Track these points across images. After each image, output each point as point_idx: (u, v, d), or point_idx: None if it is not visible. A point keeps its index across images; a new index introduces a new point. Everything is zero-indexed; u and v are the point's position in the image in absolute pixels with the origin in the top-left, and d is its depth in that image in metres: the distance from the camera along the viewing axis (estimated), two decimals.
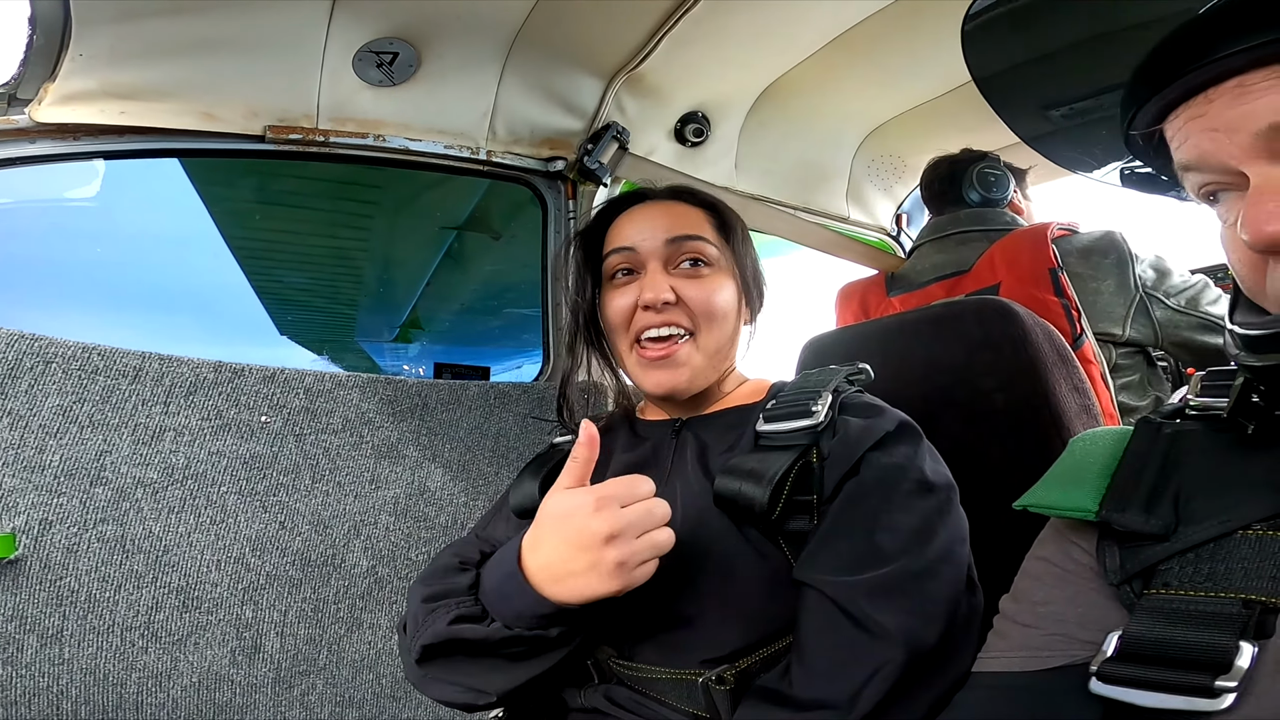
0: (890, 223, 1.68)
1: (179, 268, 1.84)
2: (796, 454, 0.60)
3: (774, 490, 0.57)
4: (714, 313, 0.70)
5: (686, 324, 0.70)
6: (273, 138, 1.00)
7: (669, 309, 0.69)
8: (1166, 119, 0.39)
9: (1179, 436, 0.44)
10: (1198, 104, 0.37)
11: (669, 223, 0.72)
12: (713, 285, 0.70)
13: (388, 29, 0.94)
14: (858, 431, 0.60)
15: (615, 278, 0.73)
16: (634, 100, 1.17)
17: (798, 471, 0.59)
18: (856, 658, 0.51)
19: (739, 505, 0.59)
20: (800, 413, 0.63)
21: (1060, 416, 0.81)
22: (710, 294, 0.70)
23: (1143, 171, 0.44)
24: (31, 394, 0.83)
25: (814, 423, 0.62)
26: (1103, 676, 0.38)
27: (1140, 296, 1.08)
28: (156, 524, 0.89)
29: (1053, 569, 0.46)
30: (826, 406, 0.63)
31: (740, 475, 0.59)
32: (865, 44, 1.12)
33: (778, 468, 0.59)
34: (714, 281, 0.71)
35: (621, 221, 0.75)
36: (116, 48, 0.83)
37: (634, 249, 0.71)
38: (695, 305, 0.69)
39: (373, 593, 1.02)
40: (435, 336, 2.27)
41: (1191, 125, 0.37)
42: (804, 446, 0.61)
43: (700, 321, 0.69)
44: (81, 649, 0.83)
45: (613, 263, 0.73)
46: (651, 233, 0.71)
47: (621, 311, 0.71)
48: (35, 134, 0.88)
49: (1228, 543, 0.38)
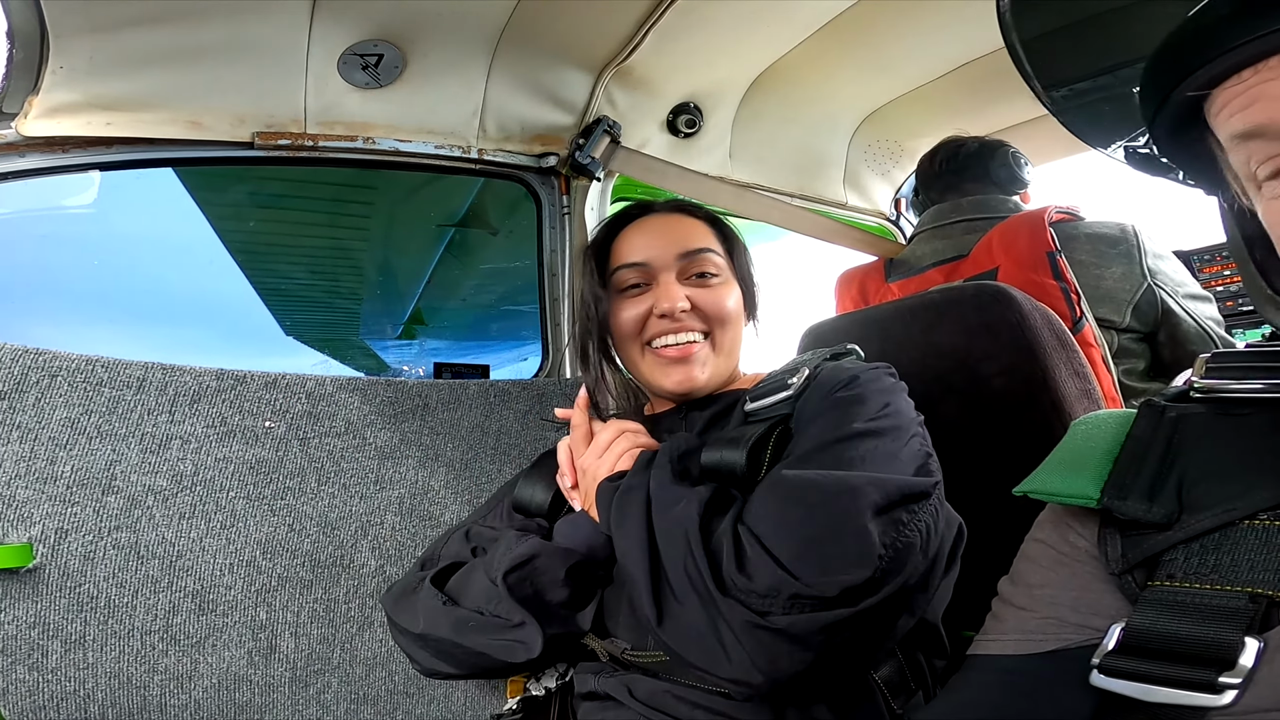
0: (889, 207, 1.66)
1: (179, 275, 1.85)
2: (775, 421, 0.64)
3: (750, 452, 0.61)
4: (726, 317, 0.75)
5: (701, 327, 0.74)
6: (262, 144, 1.00)
7: (684, 316, 0.73)
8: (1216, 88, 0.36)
9: (1183, 420, 0.43)
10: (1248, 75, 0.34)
11: (679, 237, 0.76)
12: (723, 293, 0.76)
13: (371, 31, 0.93)
14: (827, 379, 0.66)
15: (626, 290, 0.76)
16: (624, 93, 1.15)
17: (778, 437, 0.64)
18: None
19: (722, 472, 0.62)
20: (779, 387, 0.68)
21: (1060, 401, 0.81)
22: (721, 300, 0.75)
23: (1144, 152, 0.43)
24: (39, 407, 0.85)
25: (790, 393, 0.66)
26: (1104, 669, 0.38)
27: (1148, 285, 1.07)
28: (169, 530, 0.91)
29: (1050, 552, 0.45)
30: (803, 379, 0.67)
31: (721, 444, 0.64)
32: (858, 29, 1.10)
33: (754, 432, 0.63)
34: (724, 289, 0.76)
35: (629, 235, 0.78)
36: (95, 58, 0.83)
37: (647, 264, 0.75)
38: (709, 310, 0.74)
39: (382, 591, 1.04)
40: (436, 332, 2.28)
41: (1255, 91, 0.34)
42: (783, 415, 0.66)
43: (714, 324, 0.75)
44: (104, 653, 0.86)
45: (624, 277, 0.76)
46: (664, 247, 0.75)
47: (634, 321, 0.75)
48: (24, 148, 0.88)
49: (1233, 532, 0.37)
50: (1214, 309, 1.12)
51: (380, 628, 1.03)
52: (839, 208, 1.56)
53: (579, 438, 0.72)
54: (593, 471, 0.68)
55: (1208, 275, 1.51)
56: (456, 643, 0.66)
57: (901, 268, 1.31)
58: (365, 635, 1.02)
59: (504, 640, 0.63)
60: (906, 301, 0.97)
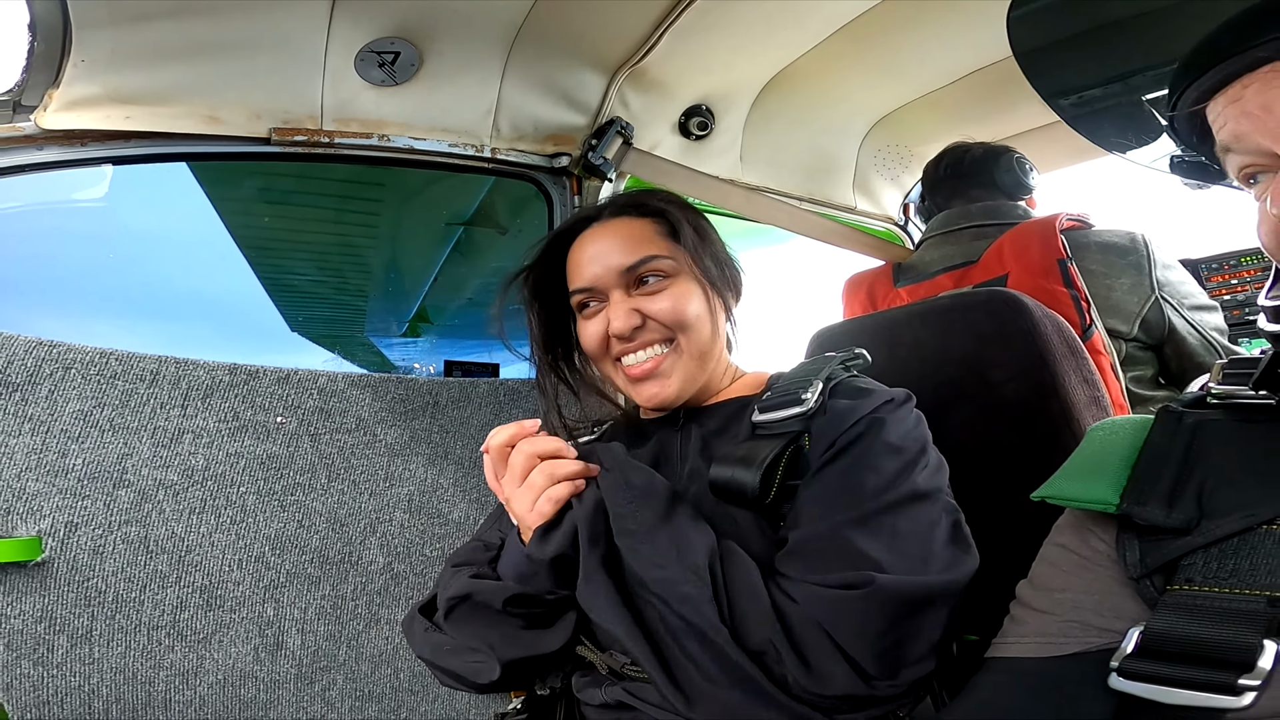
0: (897, 212, 1.66)
1: (188, 270, 1.85)
2: (787, 439, 0.61)
3: (764, 474, 0.59)
4: (685, 320, 0.70)
5: (661, 337, 0.71)
6: (278, 140, 1.00)
7: (639, 333, 0.70)
8: (1208, 103, 0.41)
9: (1201, 426, 0.43)
10: (1234, 89, 0.39)
11: (619, 248, 0.71)
12: (675, 294, 0.70)
13: (388, 28, 0.93)
14: (844, 409, 0.62)
15: (585, 308, 0.74)
16: (637, 94, 1.16)
17: (790, 456, 0.61)
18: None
19: (732, 491, 0.60)
20: (792, 401, 0.64)
21: (1070, 408, 0.81)
22: (674, 303, 0.70)
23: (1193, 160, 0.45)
24: (52, 399, 0.85)
25: (805, 409, 0.63)
26: (1123, 672, 0.38)
27: (1156, 298, 1.07)
28: (179, 525, 0.91)
29: (1070, 556, 0.46)
30: (817, 393, 0.64)
31: (732, 462, 0.61)
32: (870, 33, 1.11)
33: (767, 452, 0.60)
34: (675, 290, 0.70)
35: (575, 254, 0.75)
36: (117, 52, 0.83)
37: (592, 287, 0.72)
38: (664, 318, 0.70)
39: (390, 589, 1.04)
40: (443, 330, 2.28)
41: (1230, 109, 0.39)
42: (796, 433, 0.62)
43: (675, 330, 0.70)
44: (110, 648, 0.85)
45: (578, 300, 0.74)
46: (604, 266, 0.71)
47: (597, 339, 0.72)
48: (42, 140, 0.88)
49: (1251, 537, 0.38)
50: (1219, 318, 1.12)
51: (387, 625, 1.03)
52: (848, 212, 1.56)
53: (497, 458, 0.63)
54: (519, 510, 0.61)
55: (1215, 284, 1.52)
56: (436, 664, 0.66)
57: (910, 273, 1.31)
58: (372, 632, 1.02)
59: (470, 663, 0.63)
60: (916, 306, 0.97)
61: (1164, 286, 1.08)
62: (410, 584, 1.06)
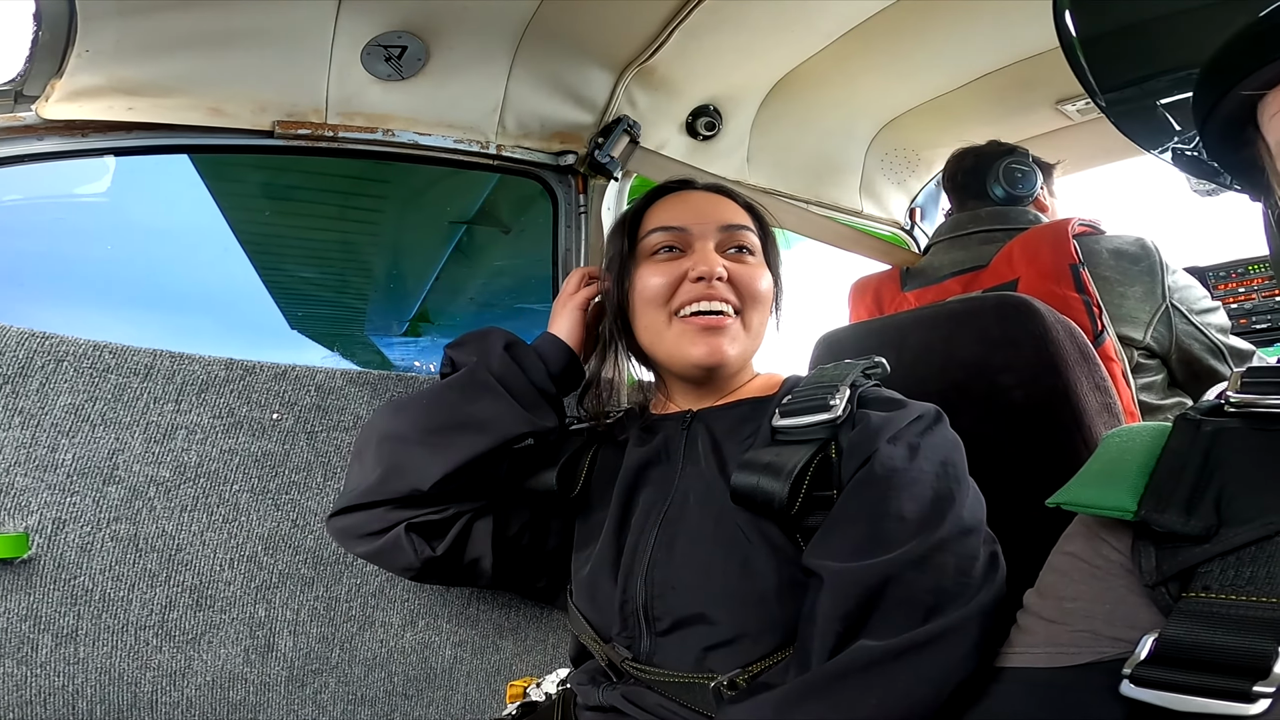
0: (904, 217, 1.65)
1: (189, 264, 1.85)
2: (815, 448, 0.60)
3: (793, 484, 0.57)
4: (758, 295, 0.73)
5: (734, 301, 0.72)
6: (281, 133, 0.99)
7: (720, 285, 0.71)
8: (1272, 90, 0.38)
9: (1220, 434, 0.43)
10: None
11: (721, 211, 0.75)
12: (758, 272, 0.74)
13: (396, 22, 0.92)
14: (878, 423, 0.60)
15: (657, 254, 0.74)
16: (645, 93, 1.15)
17: (817, 466, 0.59)
18: None
19: (757, 500, 0.58)
20: (818, 406, 0.62)
21: (1081, 414, 0.79)
22: (756, 277, 0.73)
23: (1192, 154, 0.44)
24: (43, 392, 0.83)
25: (833, 416, 0.61)
26: (1136, 679, 0.38)
27: (1167, 306, 1.06)
28: (169, 522, 0.89)
29: (1081, 565, 0.45)
30: (845, 400, 0.62)
31: (757, 469, 0.59)
32: (880, 36, 1.10)
33: (796, 461, 0.58)
34: (759, 269, 0.74)
35: (667, 204, 0.77)
36: (122, 43, 0.82)
37: (685, 229, 0.73)
38: (743, 286, 0.72)
39: (384, 591, 1.02)
40: (444, 330, 2.26)
41: None
42: (822, 440, 0.61)
43: (746, 301, 0.72)
44: (96, 648, 0.83)
45: (657, 239, 0.74)
46: (705, 216, 0.74)
47: (663, 287, 0.71)
48: (43, 131, 0.87)
49: (1270, 546, 0.37)
50: (1221, 316, 1.12)
51: (381, 628, 1.01)
52: (854, 215, 1.56)
53: None
54: None
55: (1223, 292, 1.51)
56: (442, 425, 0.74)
57: (918, 277, 1.31)
58: (365, 635, 0.99)
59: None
60: (925, 311, 0.96)
61: (1174, 292, 1.08)
62: (405, 586, 1.03)
